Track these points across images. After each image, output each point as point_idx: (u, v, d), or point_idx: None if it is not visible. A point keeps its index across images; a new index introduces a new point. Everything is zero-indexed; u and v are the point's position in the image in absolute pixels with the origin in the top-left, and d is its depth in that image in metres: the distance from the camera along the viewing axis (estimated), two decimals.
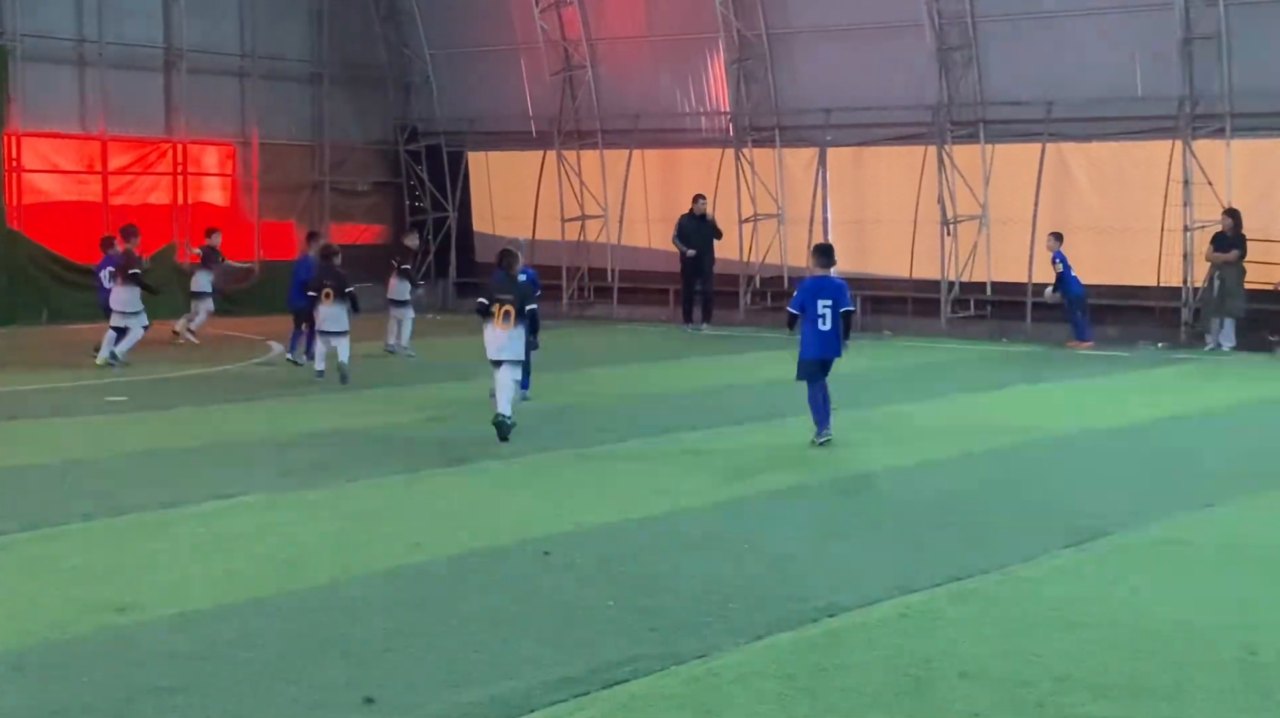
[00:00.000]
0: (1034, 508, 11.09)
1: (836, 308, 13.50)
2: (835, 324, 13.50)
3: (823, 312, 13.45)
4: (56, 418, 15.21)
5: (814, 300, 13.49)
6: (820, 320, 13.45)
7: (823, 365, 13.73)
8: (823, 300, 13.46)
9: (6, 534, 9.74)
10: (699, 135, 29.00)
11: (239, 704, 6.49)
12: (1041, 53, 24.40)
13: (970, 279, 25.58)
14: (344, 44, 31.25)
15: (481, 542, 9.70)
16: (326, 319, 18.50)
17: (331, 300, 18.41)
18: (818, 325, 13.48)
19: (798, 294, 13.72)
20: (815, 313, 13.47)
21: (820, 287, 13.62)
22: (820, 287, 13.62)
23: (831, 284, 13.68)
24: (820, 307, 13.45)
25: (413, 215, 32.41)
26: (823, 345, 13.59)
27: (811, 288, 13.63)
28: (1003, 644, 7.46)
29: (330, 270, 18.88)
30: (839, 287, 13.70)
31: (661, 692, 6.72)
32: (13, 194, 26.41)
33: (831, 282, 13.72)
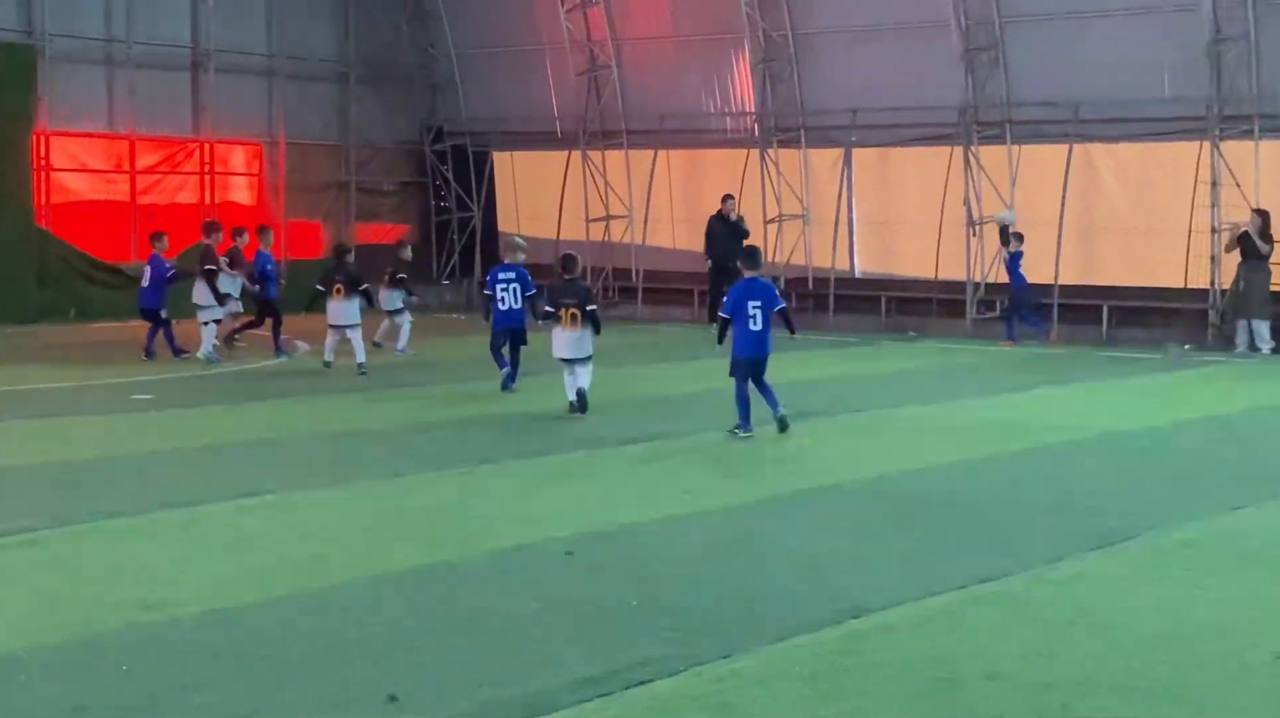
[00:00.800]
0: (1059, 510, 11.04)
1: (767, 308, 14.07)
2: (765, 324, 14.09)
3: (753, 312, 14.05)
4: (84, 416, 15.29)
5: (744, 302, 14.06)
6: (751, 321, 14.05)
7: (754, 363, 14.20)
8: (752, 302, 14.05)
9: (34, 531, 9.80)
10: (724, 136, 29.00)
11: (264, 702, 6.51)
12: (1068, 53, 24.31)
13: (996, 280, 25.48)
14: (371, 44, 31.37)
15: (505, 541, 9.71)
16: (336, 313, 19.22)
17: (342, 296, 19.11)
18: (749, 326, 14.05)
19: (728, 299, 14.27)
20: (746, 314, 14.04)
21: (749, 289, 14.16)
22: (749, 289, 14.16)
23: (760, 285, 14.27)
24: (750, 308, 14.03)
25: (438, 215, 32.51)
26: (754, 345, 14.13)
27: (741, 291, 14.17)
28: (1028, 647, 7.43)
29: (342, 267, 19.51)
30: (767, 287, 14.34)
31: (684, 692, 6.71)
32: (41, 193, 26.59)
33: (759, 283, 14.32)
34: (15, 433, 14.14)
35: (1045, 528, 10.38)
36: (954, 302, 25.90)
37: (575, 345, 15.46)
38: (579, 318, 15.40)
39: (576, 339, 15.45)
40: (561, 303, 15.50)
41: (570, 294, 15.53)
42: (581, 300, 15.52)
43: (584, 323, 15.45)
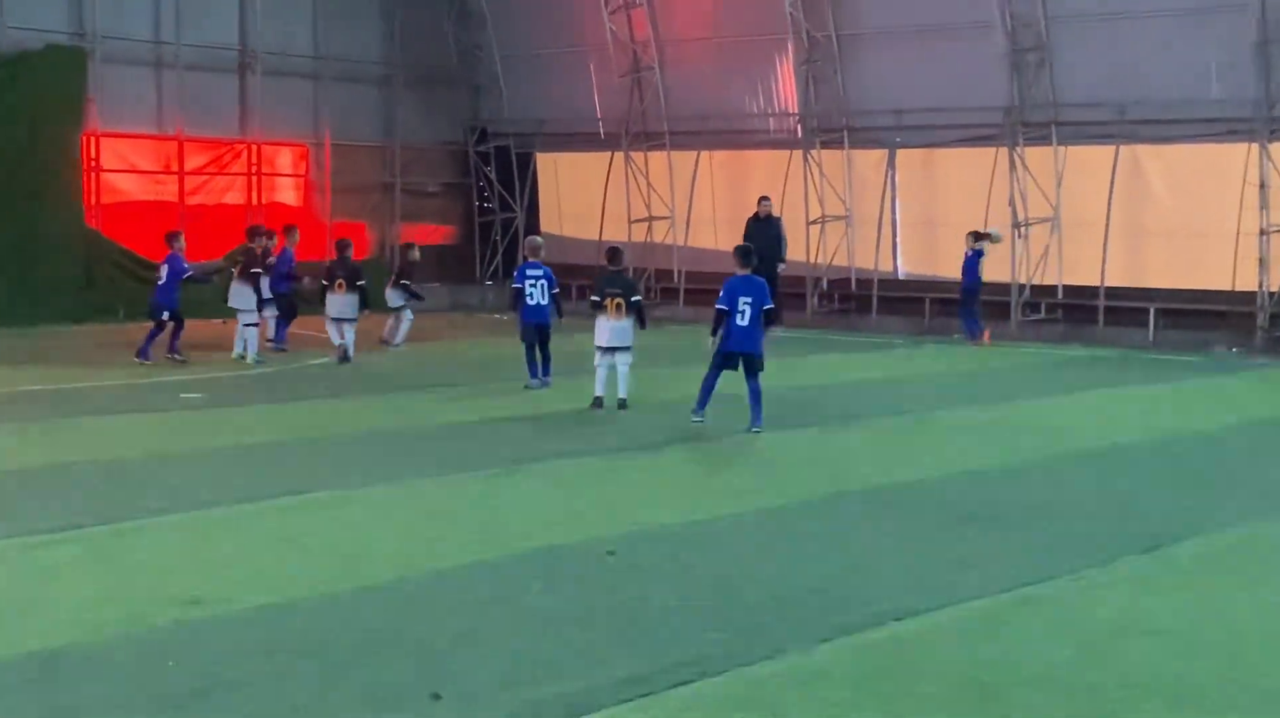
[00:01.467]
0: (1105, 514, 10.98)
1: (756, 305, 14.31)
2: (753, 320, 14.33)
3: (742, 308, 14.30)
4: (132, 414, 15.43)
5: (736, 297, 14.32)
6: (739, 316, 14.30)
7: (736, 358, 14.41)
8: (744, 298, 14.30)
9: (83, 528, 9.91)
10: (767, 137, 28.96)
11: (309, 698, 6.57)
12: (1115, 54, 24.14)
13: (1042, 282, 25.35)
14: (415, 46, 31.51)
15: (546, 540, 9.75)
16: (334, 306, 20.51)
17: (343, 290, 20.43)
18: (736, 320, 14.30)
19: (724, 293, 14.50)
20: (736, 309, 14.31)
21: (743, 285, 14.41)
22: (743, 285, 14.41)
23: (753, 283, 14.47)
24: (741, 303, 14.29)
25: (481, 216, 32.62)
26: (740, 339, 14.37)
27: (735, 287, 14.40)
28: (1073, 651, 7.40)
29: (342, 263, 20.81)
30: (760, 285, 14.52)
31: (727, 693, 6.72)
32: (91, 193, 26.85)
33: (753, 280, 14.52)
34: (66, 431, 14.29)
35: (1090, 532, 10.33)
36: (998, 304, 25.76)
37: (619, 334, 16.00)
38: (624, 307, 16.00)
39: (621, 328, 16.00)
40: (607, 293, 16.09)
41: (616, 284, 16.18)
42: (627, 291, 16.16)
43: (629, 313, 16.05)
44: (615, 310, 16.02)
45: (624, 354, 16.08)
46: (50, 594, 8.24)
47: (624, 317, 16.04)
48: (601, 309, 16.09)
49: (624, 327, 16.06)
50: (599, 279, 16.66)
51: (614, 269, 16.60)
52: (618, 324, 16.01)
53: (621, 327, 16.03)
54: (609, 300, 16.05)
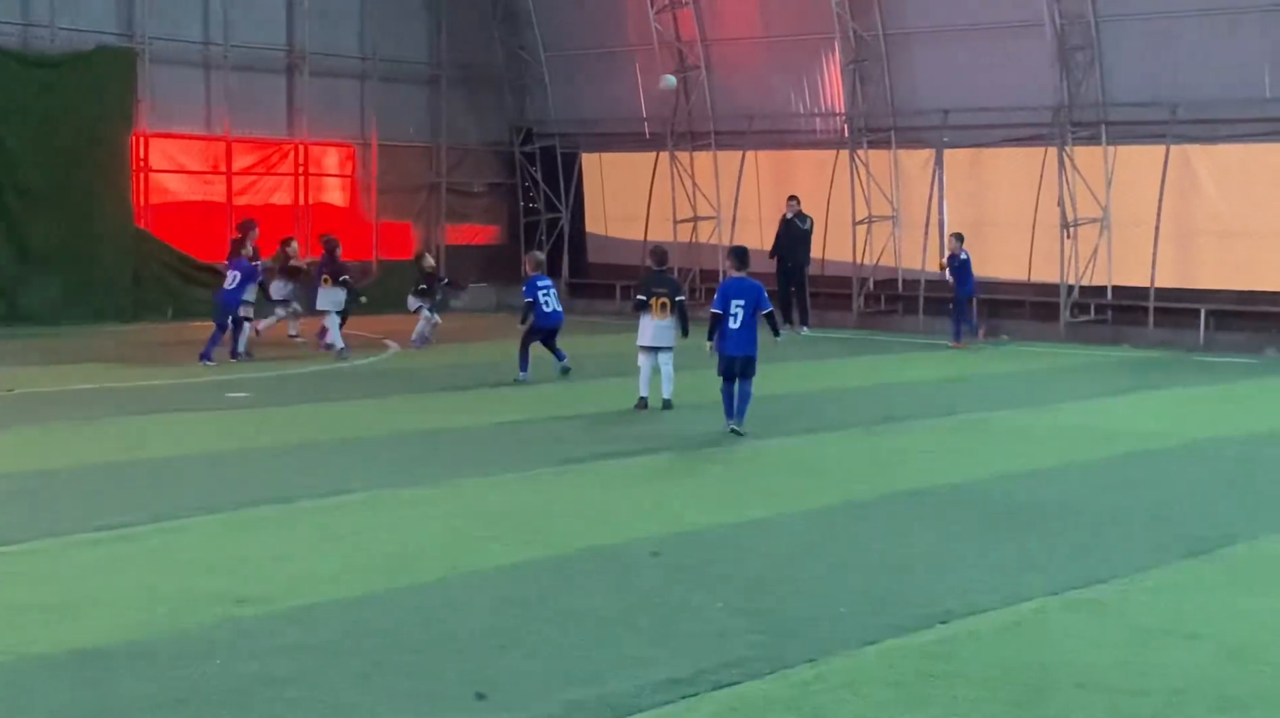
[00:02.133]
0: (1153, 517, 10.88)
1: (750, 308, 14.12)
2: (747, 323, 14.14)
3: (735, 311, 14.12)
4: (179, 413, 15.55)
5: (728, 301, 14.15)
6: (731, 319, 14.12)
7: (734, 361, 14.20)
8: (736, 300, 14.13)
9: (132, 526, 9.99)
10: (813, 137, 28.86)
11: (353, 697, 6.59)
12: (1166, 53, 23.92)
13: (1090, 283, 25.16)
14: (461, 46, 31.60)
15: (590, 541, 9.75)
16: (321, 299, 21.70)
17: (330, 284, 21.62)
18: (729, 324, 14.13)
19: (718, 297, 14.38)
20: (729, 312, 14.15)
21: (736, 288, 14.25)
22: (736, 288, 14.25)
23: (747, 285, 14.29)
24: (733, 306, 14.11)
25: (526, 216, 32.68)
26: (735, 343, 14.18)
27: (729, 289, 14.27)
28: (1119, 655, 7.33)
29: (330, 260, 21.96)
30: (755, 288, 14.34)
31: (769, 696, 6.70)
32: (140, 194, 27.08)
33: (747, 283, 14.35)
34: (114, 429, 14.42)
35: (1138, 535, 10.24)
36: (1047, 304, 25.59)
37: (664, 334, 16.01)
38: (669, 307, 16.01)
39: (666, 328, 16.01)
40: (654, 292, 16.13)
41: (662, 284, 16.22)
42: (673, 291, 16.20)
43: (673, 313, 16.06)
44: (660, 310, 16.03)
45: (666, 354, 16.10)
46: (98, 592, 8.31)
47: (669, 316, 16.06)
48: (646, 309, 16.09)
49: (668, 326, 16.08)
50: (645, 279, 16.66)
51: (659, 269, 16.62)
52: (662, 324, 16.02)
53: (666, 326, 16.05)
54: (655, 300, 16.05)
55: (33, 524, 9.98)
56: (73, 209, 25.42)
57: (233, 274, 20.30)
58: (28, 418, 14.93)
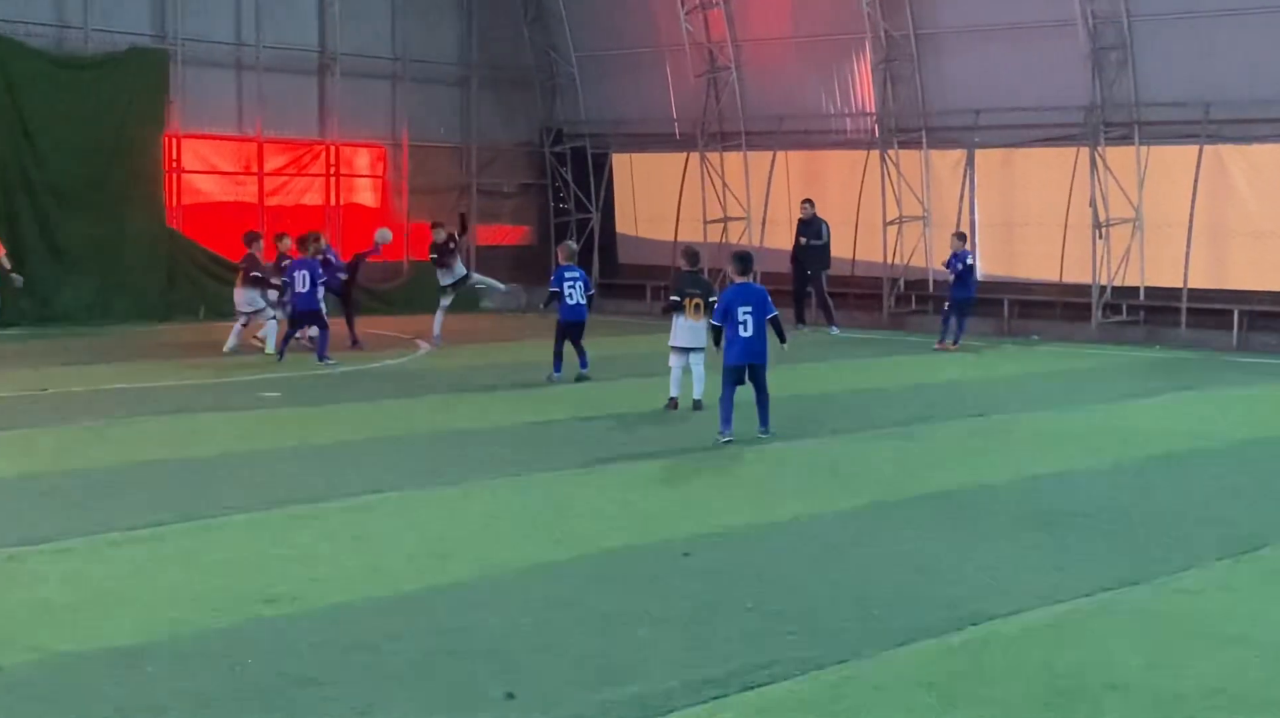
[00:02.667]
0: (1187, 519, 10.80)
1: (758, 314, 13.87)
2: (758, 329, 13.87)
3: (743, 318, 13.83)
4: (212, 413, 15.62)
5: (735, 308, 13.84)
6: (741, 327, 13.82)
7: (745, 371, 13.97)
8: (743, 308, 13.84)
9: (164, 525, 10.03)
10: (844, 137, 28.80)
11: (384, 696, 6.60)
12: (1199, 52, 23.76)
13: (1123, 284, 25.01)
14: (492, 47, 31.66)
15: (621, 541, 9.74)
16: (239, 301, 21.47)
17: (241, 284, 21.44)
18: (739, 332, 13.83)
19: (719, 305, 14.10)
20: (737, 320, 13.84)
21: (741, 295, 13.95)
22: (741, 295, 13.95)
23: (752, 291, 14.04)
24: (741, 313, 13.82)
25: (557, 217, 32.71)
26: (745, 352, 13.91)
27: (733, 297, 13.95)
28: (1153, 657, 7.28)
29: (249, 258, 21.60)
30: (760, 292, 14.11)
31: (801, 697, 6.68)
32: (173, 194, 27.23)
33: (752, 288, 14.10)
34: (147, 429, 14.49)
35: (1172, 537, 10.17)
36: (1079, 305, 25.47)
37: (697, 335, 15.96)
38: (702, 308, 15.97)
39: (699, 329, 15.94)
40: (688, 293, 16.10)
41: (696, 285, 16.19)
42: (706, 292, 16.17)
43: (706, 313, 15.99)
44: (694, 311, 16.00)
45: (698, 354, 16.08)
46: (130, 591, 8.35)
47: (702, 318, 16.00)
48: (680, 309, 16.07)
49: (702, 327, 16.00)
50: (678, 280, 16.61)
51: (692, 270, 16.58)
52: (696, 325, 15.99)
53: (699, 327, 15.99)
54: (689, 301, 16.02)
55: (65, 523, 10.04)
56: (105, 210, 25.58)
57: (300, 275, 20.16)
58: (61, 417, 15.02)
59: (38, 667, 6.93)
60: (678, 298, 16.14)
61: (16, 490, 11.22)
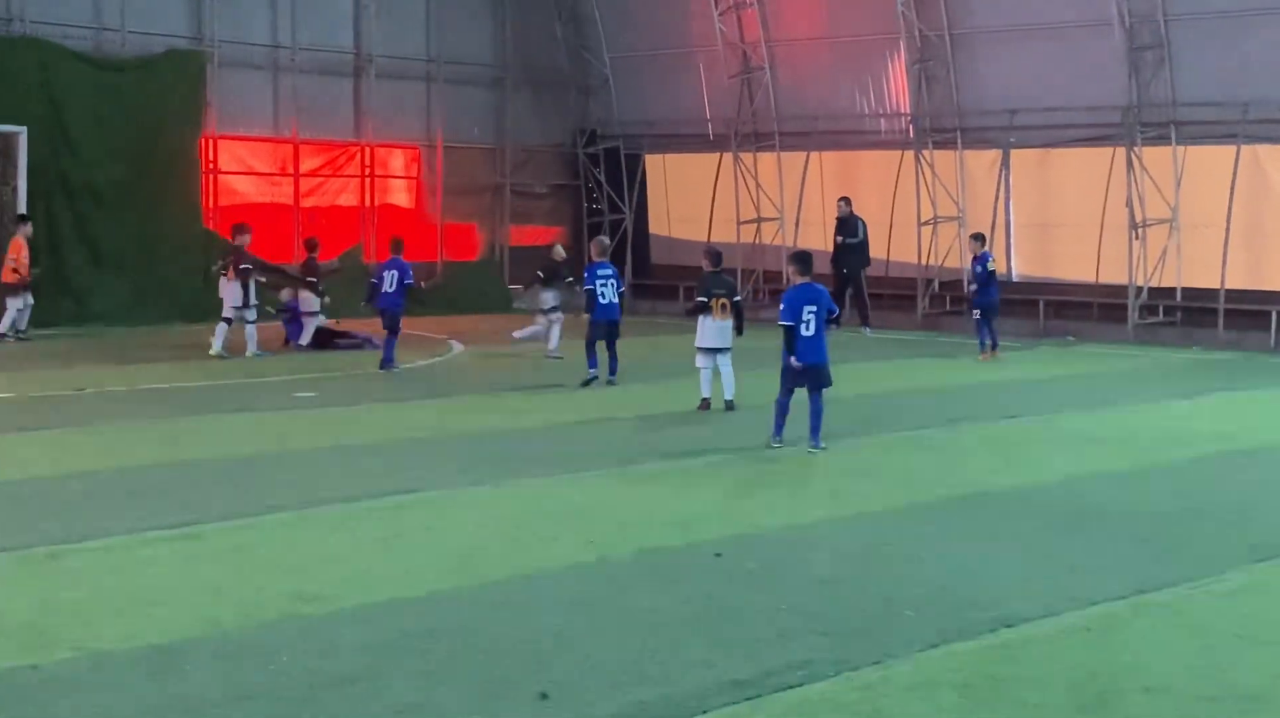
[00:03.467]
0: (1222, 521, 10.74)
1: (821, 314, 13.66)
2: (819, 330, 13.67)
3: (806, 318, 13.62)
4: (246, 413, 15.71)
5: (800, 308, 13.61)
6: (804, 326, 13.61)
7: (809, 371, 13.67)
8: (808, 307, 13.62)
9: (200, 524, 10.10)
10: (878, 137, 28.73)
11: (418, 695, 6.63)
12: (1236, 52, 23.60)
13: (1159, 284, 24.86)
14: (526, 48, 31.72)
15: (653, 542, 9.75)
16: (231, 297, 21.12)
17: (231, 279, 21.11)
18: (801, 331, 13.60)
19: (786, 306, 13.76)
20: (800, 320, 13.60)
21: (804, 294, 13.73)
22: (804, 294, 13.73)
23: (815, 291, 13.82)
24: (805, 313, 13.61)
25: (590, 218, 32.74)
26: (811, 351, 13.66)
27: (798, 297, 13.69)
28: (1189, 660, 7.24)
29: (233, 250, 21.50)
30: (822, 292, 13.89)
31: (834, 698, 6.67)
32: (209, 196, 27.38)
33: (814, 288, 13.87)
34: (183, 428, 14.59)
35: (1208, 539, 10.11)
36: (1115, 306, 25.32)
37: (724, 335, 16.02)
38: (728, 308, 16.01)
39: (726, 329, 16.09)
40: (713, 293, 16.07)
41: (720, 285, 16.17)
42: (730, 292, 16.22)
43: (732, 313, 16.08)
44: (721, 311, 16.01)
45: (725, 355, 16.10)
46: (166, 590, 8.40)
47: (728, 317, 16.05)
48: (707, 310, 16.05)
49: (728, 327, 16.08)
50: (704, 280, 16.56)
51: (715, 270, 16.54)
52: (723, 325, 16.02)
53: (726, 327, 16.05)
54: (715, 301, 16.02)
55: (104, 522, 10.11)
56: (142, 211, 25.75)
57: (389, 275, 20.01)
58: (98, 417, 15.13)
59: (77, 664, 6.99)
60: (704, 298, 16.10)
61: (55, 489, 11.31)
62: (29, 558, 9.08)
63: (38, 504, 10.74)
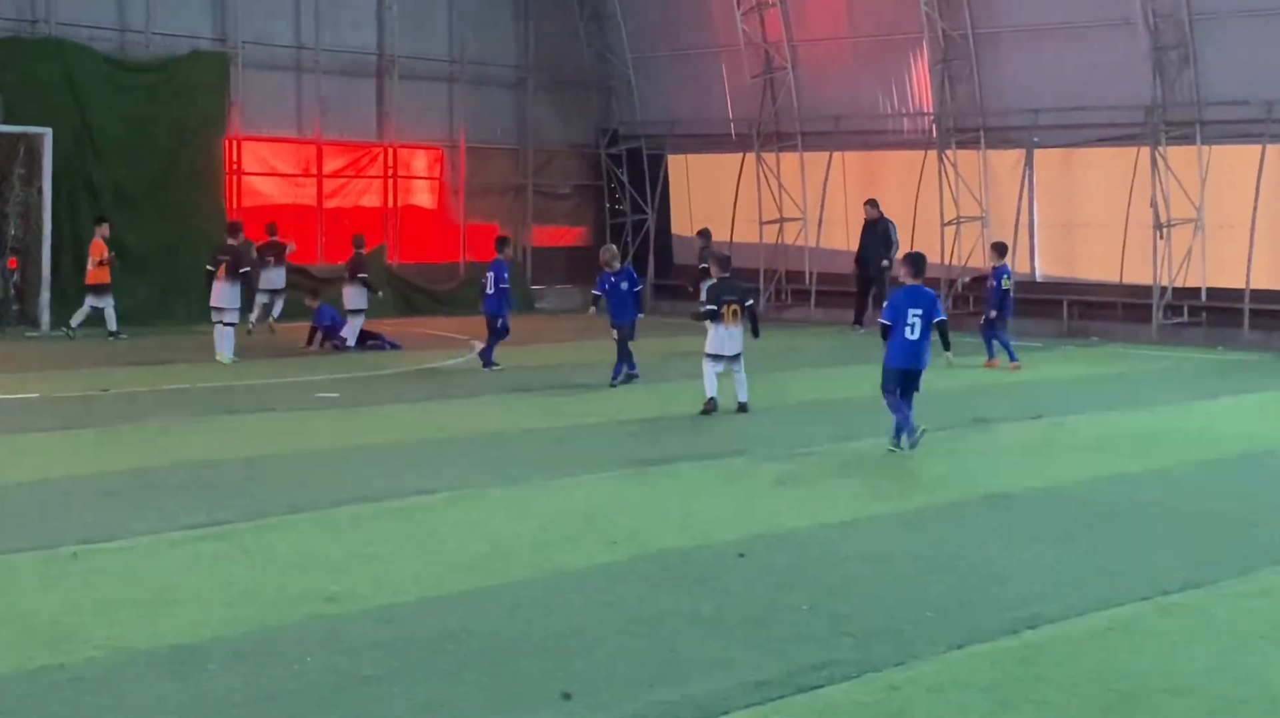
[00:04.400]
0: (1248, 522, 10.68)
1: (927, 318, 13.39)
2: (924, 335, 13.40)
3: (912, 321, 13.34)
4: (269, 413, 15.76)
5: (905, 310, 13.38)
6: (909, 329, 13.35)
7: (907, 375, 13.52)
8: (913, 310, 13.36)
9: (224, 524, 10.14)
10: (901, 137, 28.67)
11: (441, 695, 6.64)
12: (1261, 50, 23.48)
13: (1184, 285, 24.75)
14: (549, 49, 31.75)
15: (676, 542, 9.75)
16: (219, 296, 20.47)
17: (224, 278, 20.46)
18: (905, 335, 13.36)
19: (889, 305, 13.61)
20: (905, 322, 13.37)
21: (913, 297, 13.49)
22: (913, 297, 13.49)
23: (923, 294, 13.58)
24: (910, 316, 13.35)
25: (612, 218, 32.76)
26: (908, 355, 13.43)
27: (903, 298, 13.49)
28: (1214, 661, 7.21)
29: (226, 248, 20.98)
30: (930, 297, 13.63)
31: (857, 699, 6.66)
32: (233, 196, 27.48)
33: (923, 291, 13.63)
34: (207, 428, 14.64)
35: (1233, 540, 10.06)
36: (1139, 306, 25.22)
37: (735, 341, 15.90)
38: (739, 313, 15.96)
39: (738, 334, 15.94)
40: (724, 300, 15.98)
41: (731, 291, 16.10)
42: (742, 296, 16.18)
43: (744, 317, 16.04)
44: (732, 317, 15.92)
45: (737, 361, 15.99)
46: (191, 589, 8.43)
47: (739, 323, 15.98)
48: (719, 318, 15.89)
49: (739, 334, 16.00)
50: (715, 288, 16.43)
51: (727, 276, 16.48)
52: (735, 330, 15.93)
53: (738, 333, 15.96)
54: (726, 308, 15.91)
55: (127, 522, 10.16)
56: (167, 212, 25.85)
57: (488, 277, 20.03)
58: (122, 417, 15.20)
59: (101, 664, 7.02)
60: (716, 306, 15.93)
61: (80, 489, 11.37)
62: (54, 558, 9.12)
63: (62, 504, 10.80)
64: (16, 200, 24.41)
